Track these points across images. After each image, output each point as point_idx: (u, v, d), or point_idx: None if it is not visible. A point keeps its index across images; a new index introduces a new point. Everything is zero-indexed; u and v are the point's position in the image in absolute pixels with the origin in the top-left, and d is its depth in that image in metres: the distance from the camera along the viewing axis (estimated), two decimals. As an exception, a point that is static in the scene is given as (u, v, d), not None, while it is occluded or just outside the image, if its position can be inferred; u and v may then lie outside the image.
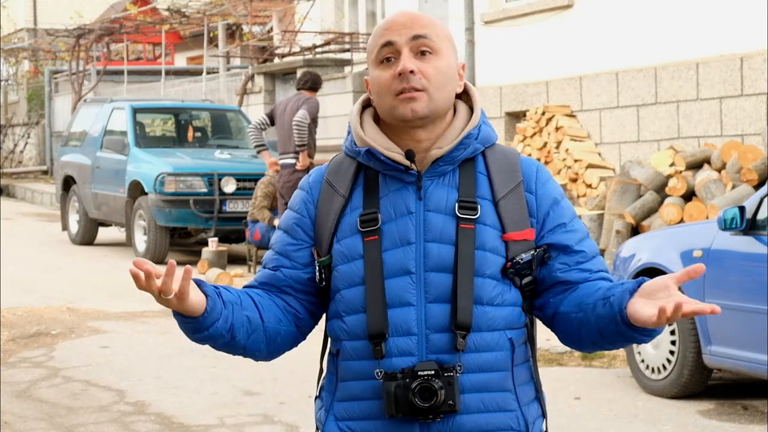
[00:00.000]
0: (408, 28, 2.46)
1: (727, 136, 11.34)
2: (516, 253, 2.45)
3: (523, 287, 2.47)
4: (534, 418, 2.50)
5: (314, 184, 2.56)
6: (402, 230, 2.45)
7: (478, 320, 2.41)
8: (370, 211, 2.46)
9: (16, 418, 7.07)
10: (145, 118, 16.80)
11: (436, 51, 2.45)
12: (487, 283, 2.43)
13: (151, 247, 14.39)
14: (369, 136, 2.50)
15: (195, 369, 8.35)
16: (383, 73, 2.46)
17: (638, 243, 8.08)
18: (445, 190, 2.46)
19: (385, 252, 2.44)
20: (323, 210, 2.52)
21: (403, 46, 2.44)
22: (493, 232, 2.45)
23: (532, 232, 2.47)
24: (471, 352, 2.41)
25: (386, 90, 2.45)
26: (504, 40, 14.44)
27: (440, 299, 2.42)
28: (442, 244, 2.43)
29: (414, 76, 2.42)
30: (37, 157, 29.33)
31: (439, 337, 2.41)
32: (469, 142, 2.47)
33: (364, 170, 2.51)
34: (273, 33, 23.39)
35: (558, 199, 2.52)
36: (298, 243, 2.54)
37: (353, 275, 2.45)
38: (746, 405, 7.28)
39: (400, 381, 2.38)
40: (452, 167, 2.48)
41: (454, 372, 2.38)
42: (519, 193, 2.48)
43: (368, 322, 2.42)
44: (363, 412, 2.46)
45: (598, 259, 2.54)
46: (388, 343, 2.41)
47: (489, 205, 2.46)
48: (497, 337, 2.44)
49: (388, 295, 2.42)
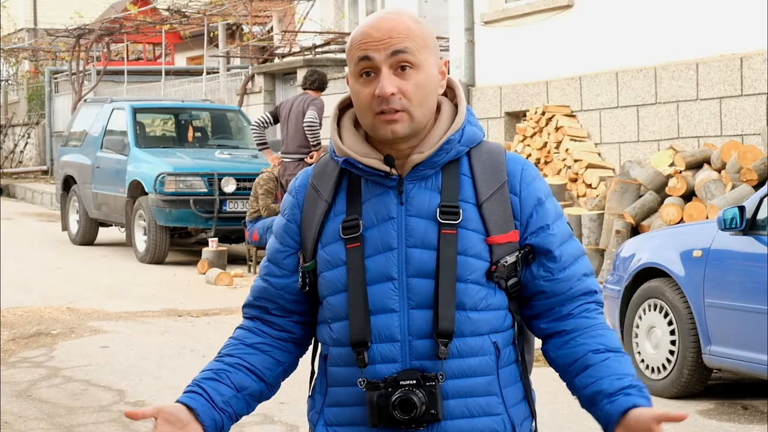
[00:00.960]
0: (386, 43, 2.36)
1: (727, 136, 11.34)
2: (500, 255, 2.42)
3: (509, 288, 2.45)
4: (522, 419, 2.48)
5: (299, 188, 2.53)
6: (384, 236, 2.41)
7: (461, 326, 2.39)
8: (352, 218, 2.43)
9: (16, 418, 7.07)
10: (145, 118, 16.80)
11: (416, 65, 2.38)
12: (470, 289, 2.40)
13: (151, 247, 14.39)
14: (347, 144, 2.45)
15: (195, 369, 8.30)
16: (363, 89, 2.40)
17: (638, 243, 8.08)
18: (428, 194, 2.42)
19: (367, 258, 2.41)
20: (308, 215, 2.49)
21: (381, 63, 2.37)
22: (476, 236, 2.41)
23: (516, 234, 2.44)
24: (454, 358, 2.39)
25: (366, 107, 2.40)
26: (504, 40, 14.43)
27: (423, 305, 2.39)
28: (425, 250, 2.40)
29: (394, 98, 2.36)
30: (37, 157, 29.34)
31: (421, 344, 2.39)
32: (450, 146, 2.42)
33: (348, 174, 2.48)
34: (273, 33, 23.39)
35: (542, 200, 2.47)
36: (286, 249, 2.53)
37: (337, 282, 2.43)
38: (746, 405, 7.28)
39: (382, 391, 2.37)
40: (434, 171, 2.44)
41: (435, 381, 2.36)
42: (503, 194, 2.44)
43: (350, 330, 2.40)
44: (349, 419, 2.45)
45: (579, 262, 2.51)
46: (371, 350, 2.39)
47: (472, 208, 2.42)
48: (481, 341, 2.41)
49: (371, 302, 2.40)
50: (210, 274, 12.87)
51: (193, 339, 9.35)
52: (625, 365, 2.45)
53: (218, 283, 12.57)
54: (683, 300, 7.32)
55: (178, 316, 10.52)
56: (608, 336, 2.48)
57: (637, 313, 7.68)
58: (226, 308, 11.04)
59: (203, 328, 9.89)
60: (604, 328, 2.50)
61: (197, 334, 9.54)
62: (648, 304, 7.62)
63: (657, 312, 7.53)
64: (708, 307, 7.15)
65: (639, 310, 7.68)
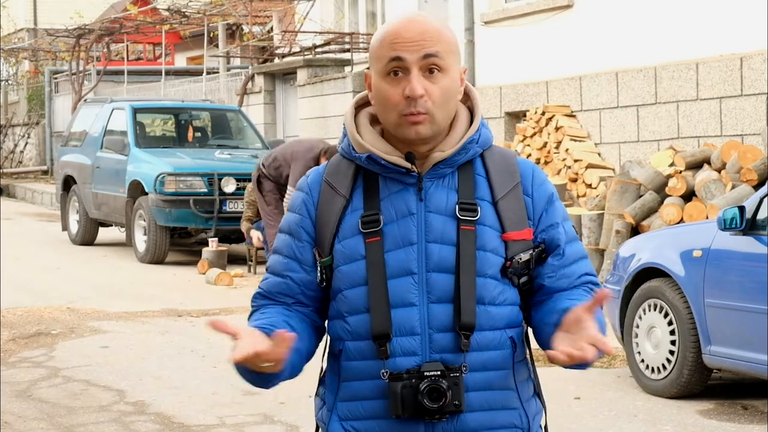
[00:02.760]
0: (419, 44, 2.43)
1: (727, 136, 11.35)
2: (515, 252, 2.48)
3: (521, 286, 2.51)
4: (534, 413, 2.54)
5: (313, 185, 2.57)
6: (404, 231, 2.47)
7: (481, 319, 2.44)
8: (372, 213, 2.48)
9: (16, 418, 7.07)
10: (145, 118, 16.81)
11: (444, 69, 2.44)
12: (489, 283, 2.45)
13: (151, 247, 14.40)
14: (367, 141, 2.50)
15: (195, 369, 8.35)
16: (390, 88, 2.44)
17: (638, 243, 8.08)
18: (445, 192, 2.49)
19: (387, 253, 2.46)
20: (324, 211, 2.53)
21: (413, 65, 2.43)
22: (492, 232, 2.47)
23: (531, 232, 2.50)
24: (474, 351, 2.44)
25: (392, 107, 2.45)
26: (504, 40, 14.44)
27: (443, 299, 2.44)
28: (444, 245, 2.45)
29: (421, 100, 2.42)
30: (37, 157, 29.34)
31: (442, 337, 2.43)
32: (470, 147, 2.50)
33: (363, 172, 2.53)
34: (273, 33, 23.40)
35: (552, 200, 2.56)
36: (303, 245, 2.56)
37: (355, 276, 2.47)
38: (746, 405, 7.28)
39: (406, 381, 2.41)
40: (452, 170, 2.50)
41: (459, 372, 2.41)
42: (517, 194, 2.51)
43: (372, 323, 2.44)
44: (367, 412, 2.48)
45: (582, 262, 2.56)
46: (392, 344, 2.44)
47: (488, 206, 2.49)
48: (499, 335, 2.47)
49: (391, 296, 2.45)
50: (210, 274, 12.87)
51: (193, 339, 9.35)
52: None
53: (218, 283, 12.57)
54: (683, 300, 7.32)
55: (178, 316, 10.52)
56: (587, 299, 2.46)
57: (637, 313, 7.68)
58: (226, 308, 11.04)
59: (203, 328, 9.87)
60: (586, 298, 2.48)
61: (197, 334, 9.53)
62: (648, 304, 7.62)
63: (657, 312, 7.53)
64: (708, 307, 7.15)
65: (639, 310, 7.68)
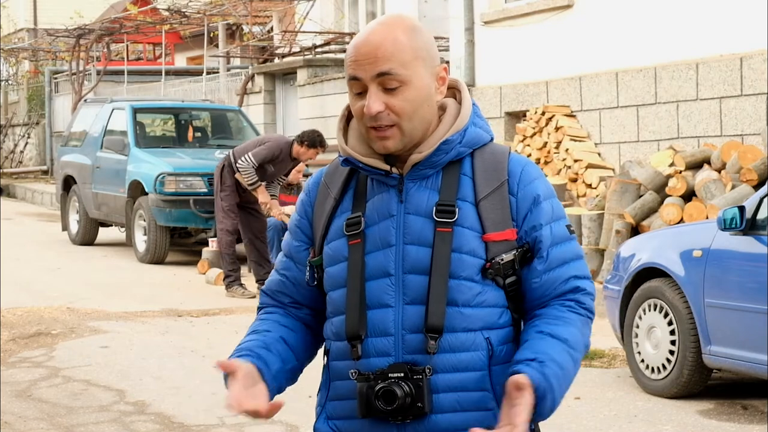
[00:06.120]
0: (371, 63, 2.40)
1: (727, 136, 11.35)
2: (497, 253, 2.45)
3: (507, 287, 2.48)
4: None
5: (313, 186, 2.62)
6: (384, 233, 2.47)
7: (453, 321, 2.42)
8: (356, 215, 2.50)
9: (16, 418, 7.07)
10: (145, 118, 16.80)
11: (404, 82, 2.41)
12: (463, 285, 2.43)
13: (151, 247, 14.39)
14: (350, 144, 2.52)
15: (195, 369, 8.34)
16: (356, 103, 2.46)
17: (638, 243, 8.08)
18: (427, 192, 2.47)
19: (367, 255, 2.47)
20: (318, 211, 2.57)
21: (369, 83, 2.41)
22: (471, 234, 2.45)
23: (514, 232, 2.47)
24: (445, 353, 2.42)
25: (359, 120, 2.47)
26: (504, 40, 14.44)
27: (417, 301, 2.44)
28: (420, 247, 2.45)
29: (382, 115, 2.41)
30: (38, 157, 29.34)
31: (414, 338, 2.43)
32: (449, 147, 2.46)
33: (357, 174, 2.55)
34: (273, 33, 23.41)
35: (539, 200, 2.49)
36: (300, 244, 2.61)
37: (338, 277, 2.50)
38: (746, 405, 7.28)
39: (372, 382, 2.42)
40: (435, 170, 2.48)
41: (423, 375, 2.40)
42: (502, 193, 2.47)
43: (346, 324, 2.47)
44: (346, 412, 2.51)
45: (570, 265, 2.50)
46: (365, 344, 2.45)
47: (470, 207, 2.46)
48: (473, 337, 2.44)
49: (369, 297, 2.46)
50: (210, 274, 12.88)
51: (193, 339, 9.35)
52: (554, 349, 2.40)
53: (218, 283, 12.56)
54: (683, 300, 7.32)
55: (178, 316, 10.52)
56: (564, 328, 2.44)
57: (637, 313, 7.68)
58: (226, 308, 11.04)
59: (203, 328, 9.88)
60: (568, 322, 2.46)
61: (197, 334, 9.54)
62: (648, 304, 7.62)
63: (657, 312, 7.53)
64: (708, 307, 7.15)
65: (639, 310, 7.68)
